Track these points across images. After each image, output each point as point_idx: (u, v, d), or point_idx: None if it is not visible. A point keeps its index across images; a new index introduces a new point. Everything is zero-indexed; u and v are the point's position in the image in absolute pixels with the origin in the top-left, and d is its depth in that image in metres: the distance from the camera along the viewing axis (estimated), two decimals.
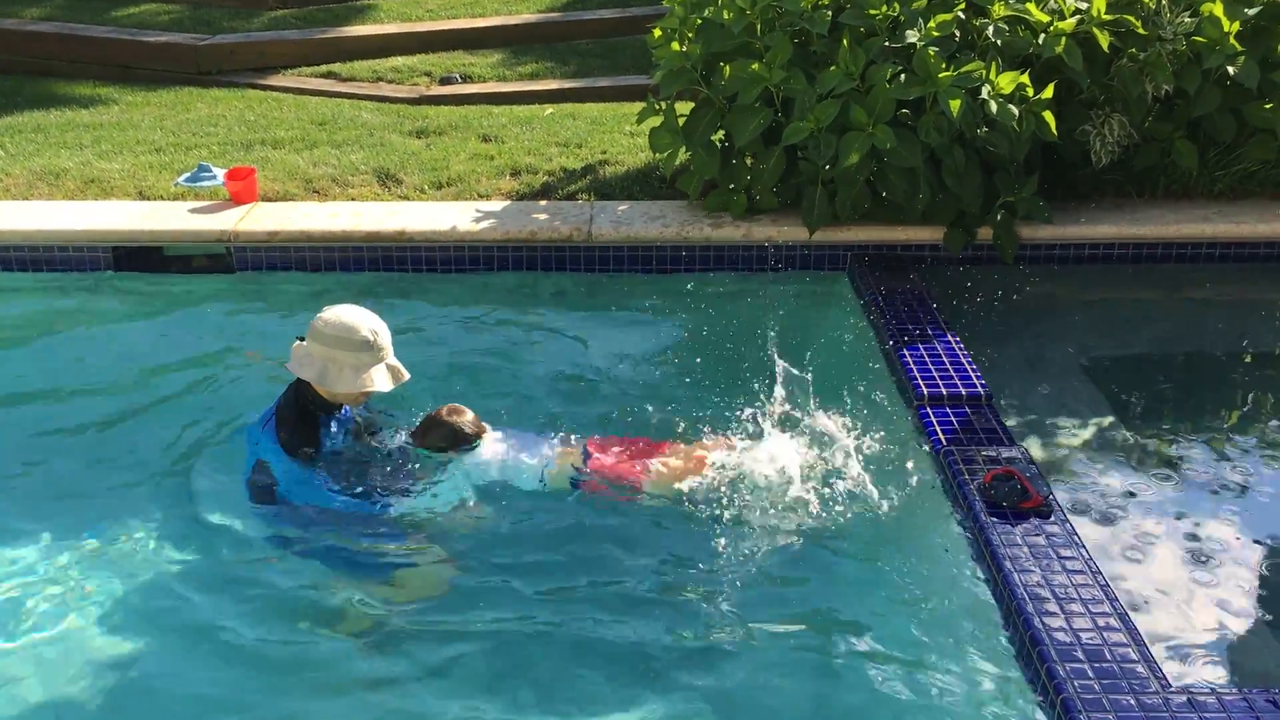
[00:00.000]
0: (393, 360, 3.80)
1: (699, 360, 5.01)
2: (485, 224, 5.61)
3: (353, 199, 6.03)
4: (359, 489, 3.79)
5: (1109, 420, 4.45)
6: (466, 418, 4.00)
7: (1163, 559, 3.65)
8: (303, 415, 3.81)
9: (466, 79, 8.59)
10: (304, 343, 3.76)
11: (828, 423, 4.09)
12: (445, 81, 8.52)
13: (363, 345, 3.69)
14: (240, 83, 8.69)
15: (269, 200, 5.98)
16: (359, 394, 3.77)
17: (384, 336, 3.76)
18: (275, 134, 7.04)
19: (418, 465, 3.91)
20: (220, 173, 6.11)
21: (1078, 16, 5.29)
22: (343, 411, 3.96)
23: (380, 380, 3.72)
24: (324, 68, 8.86)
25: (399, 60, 8.92)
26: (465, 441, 3.96)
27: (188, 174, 6.22)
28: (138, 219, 5.67)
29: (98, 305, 5.36)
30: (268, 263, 5.59)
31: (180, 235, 5.60)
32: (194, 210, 5.78)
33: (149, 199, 6.02)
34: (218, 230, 5.58)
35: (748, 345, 5.07)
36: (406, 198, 6.06)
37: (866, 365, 4.81)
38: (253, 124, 7.34)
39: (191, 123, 7.39)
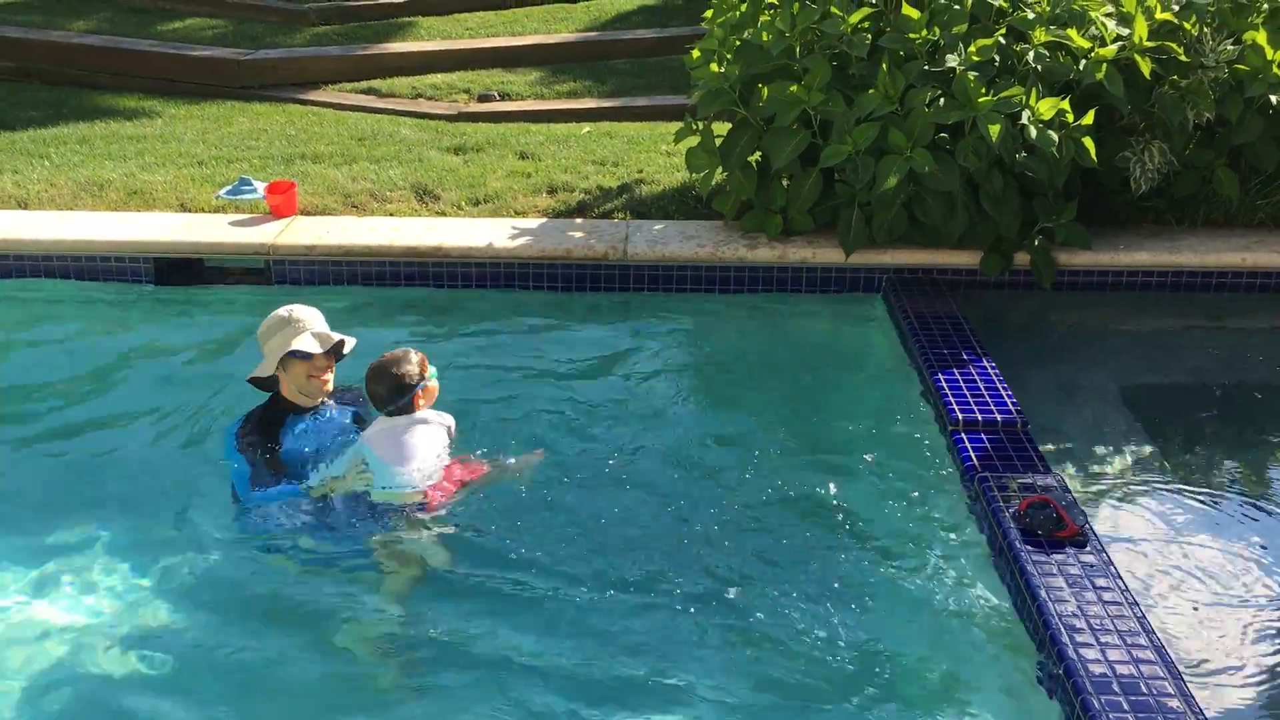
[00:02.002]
0: (319, 330, 3.99)
1: (731, 381, 5.01)
2: (521, 241, 5.64)
3: (391, 214, 6.08)
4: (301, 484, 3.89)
5: (1146, 449, 4.41)
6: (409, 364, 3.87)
7: (1199, 591, 3.60)
8: (265, 418, 4.00)
9: (505, 96, 8.65)
10: None
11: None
12: (484, 99, 8.58)
13: (281, 323, 3.98)
14: (282, 97, 8.79)
15: (308, 214, 6.04)
16: (305, 374, 3.95)
17: (301, 311, 4.00)
18: (315, 148, 7.11)
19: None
20: (261, 186, 6.18)
21: (1119, 43, 5.27)
22: (320, 410, 4.05)
23: (300, 342, 3.91)
24: (364, 83, 8.95)
25: (438, 77, 9.01)
26: (424, 371, 3.87)
27: (229, 187, 6.30)
28: (179, 231, 5.74)
29: (139, 315, 5.43)
30: (306, 276, 5.64)
31: (221, 247, 5.66)
32: (234, 223, 5.85)
33: (190, 211, 6.09)
34: (257, 243, 5.64)
35: (781, 367, 5.08)
36: (444, 214, 6.11)
37: (901, 389, 4.79)
38: (293, 138, 7.42)
39: (233, 136, 7.48)
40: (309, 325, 3.98)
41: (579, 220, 5.97)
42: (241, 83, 8.96)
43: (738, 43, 5.59)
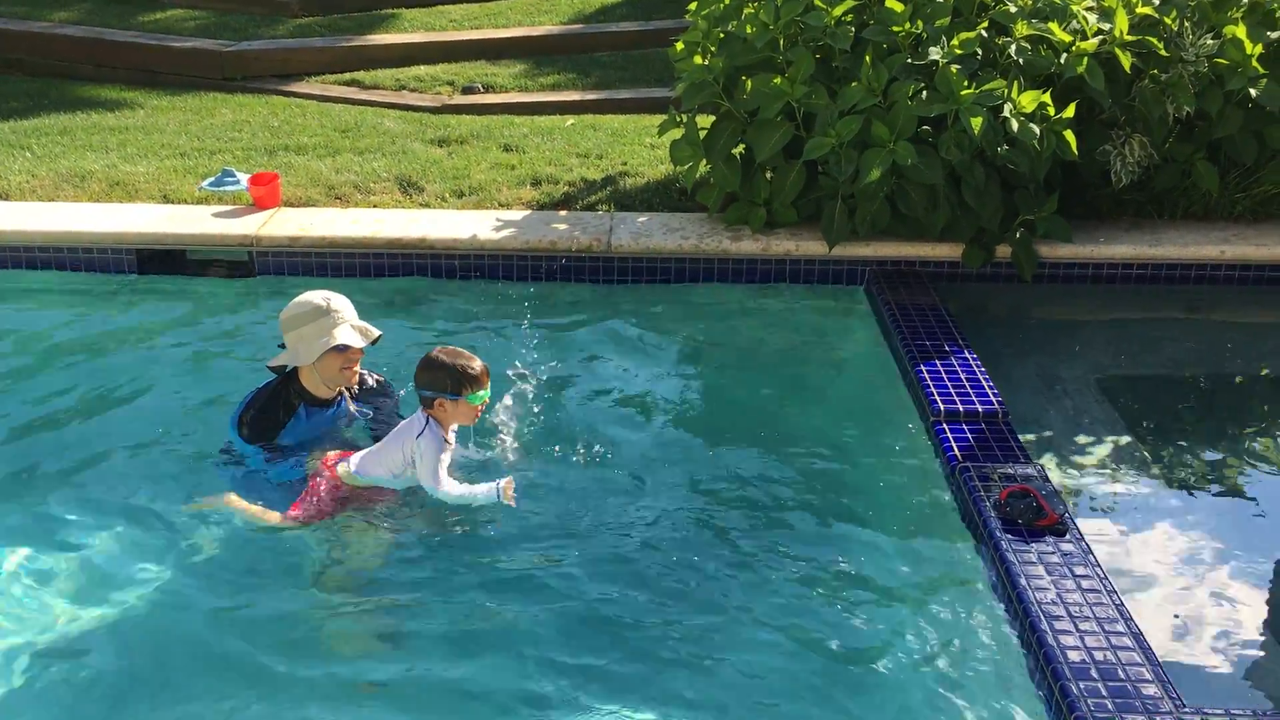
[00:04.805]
0: (358, 323, 3.91)
1: (714, 373, 5.03)
2: (505, 233, 5.65)
3: (375, 206, 6.08)
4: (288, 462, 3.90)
5: (1125, 439, 4.45)
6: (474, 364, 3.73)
7: (1178, 578, 3.65)
8: (271, 402, 3.94)
9: (488, 89, 8.64)
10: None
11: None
12: (467, 91, 8.57)
13: (318, 312, 3.85)
14: (265, 89, 8.75)
15: (292, 206, 6.03)
16: (338, 366, 3.89)
17: (338, 301, 3.90)
18: (299, 140, 7.10)
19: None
20: (244, 178, 6.17)
21: (1100, 37, 5.30)
22: (339, 404, 4.04)
23: (344, 335, 3.84)
24: (348, 75, 8.92)
25: (422, 69, 8.98)
26: (462, 389, 3.68)
27: (212, 178, 6.28)
28: (162, 222, 5.73)
29: (121, 306, 5.41)
30: (289, 268, 5.63)
31: (204, 239, 5.65)
32: (217, 214, 5.84)
33: (173, 202, 6.07)
34: (240, 235, 5.63)
35: (764, 359, 5.10)
36: (428, 205, 6.10)
37: (883, 381, 4.82)
38: (276, 130, 7.40)
39: (216, 128, 7.46)
40: (347, 316, 3.88)
41: (563, 213, 5.98)
42: (224, 74, 8.91)
43: (721, 35, 5.61)
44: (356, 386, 4.10)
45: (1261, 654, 3.37)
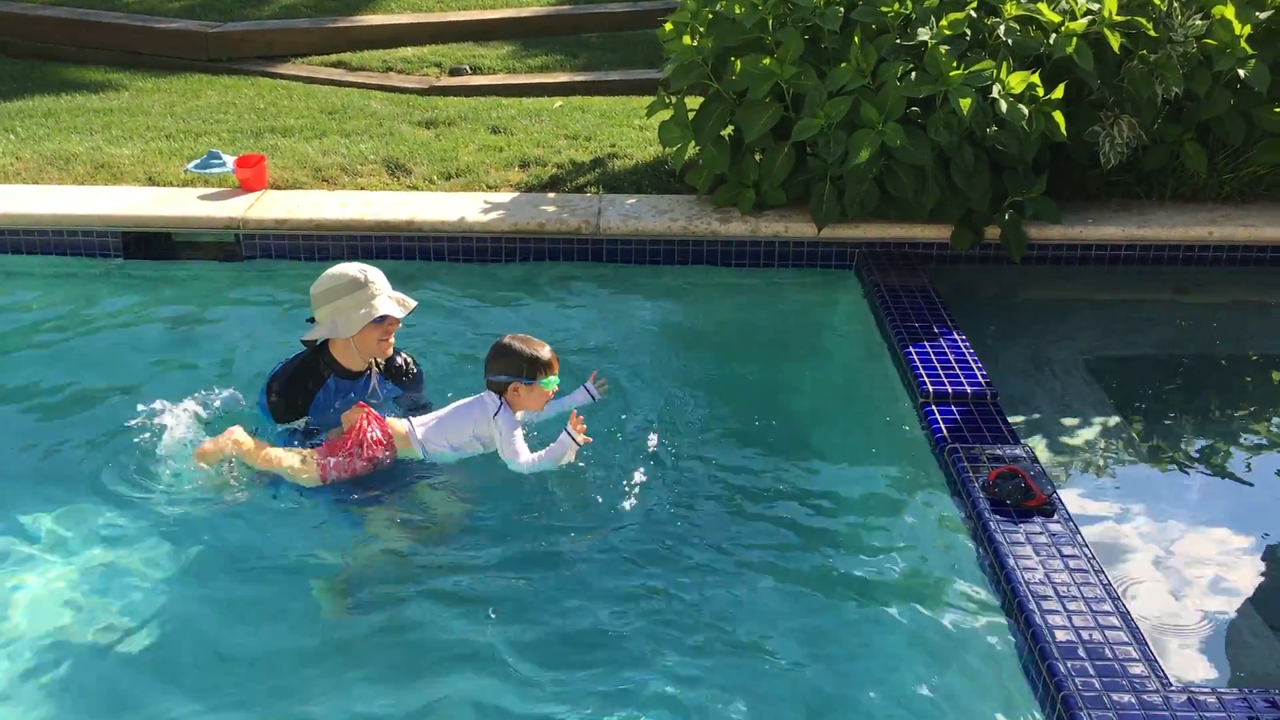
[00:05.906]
0: (394, 293, 3.91)
1: (703, 354, 5.02)
2: (494, 215, 5.63)
3: (362, 188, 6.05)
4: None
5: (1113, 420, 4.46)
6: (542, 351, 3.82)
7: (1165, 558, 3.66)
8: (301, 371, 3.92)
9: (476, 70, 8.60)
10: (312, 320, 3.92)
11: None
12: (455, 73, 8.53)
13: (356, 284, 3.84)
14: (250, 70, 8.70)
15: (278, 188, 6.00)
16: (376, 338, 3.88)
17: (374, 273, 3.89)
18: (285, 122, 7.06)
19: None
20: (230, 160, 6.13)
21: (1089, 17, 5.29)
22: (367, 376, 4.02)
23: (385, 306, 3.83)
24: (334, 57, 8.87)
25: (409, 50, 8.94)
26: (536, 373, 3.80)
27: (198, 160, 6.24)
28: (147, 205, 5.69)
29: (107, 290, 5.38)
30: (276, 250, 5.61)
31: (190, 221, 5.62)
32: (203, 197, 5.80)
33: (159, 185, 6.04)
34: (227, 217, 5.60)
35: (753, 340, 5.10)
36: (415, 188, 6.08)
37: (872, 362, 4.82)
38: (262, 112, 7.36)
39: (201, 110, 7.41)
40: (384, 288, 3.88)
41: (551, 194, 5.96)
42: (209, 55, 8.86)
43: (710, 15, 5.58)
44: (384, 360, 4.09)
45: (1249, 633, 3.39)
